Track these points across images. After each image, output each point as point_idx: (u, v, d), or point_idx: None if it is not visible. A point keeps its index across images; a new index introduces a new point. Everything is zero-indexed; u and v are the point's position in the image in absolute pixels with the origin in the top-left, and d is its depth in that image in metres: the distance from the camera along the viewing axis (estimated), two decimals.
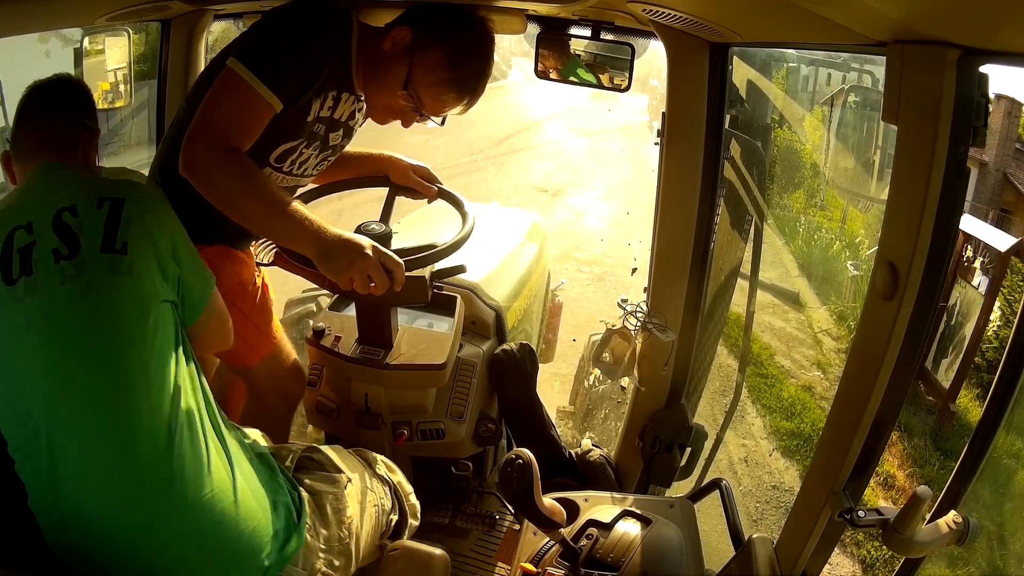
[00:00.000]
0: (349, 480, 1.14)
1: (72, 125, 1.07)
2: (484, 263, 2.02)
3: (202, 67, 1.85)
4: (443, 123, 1.35)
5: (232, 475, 0.95)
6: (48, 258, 0.91)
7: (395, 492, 1.28)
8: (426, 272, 1.38)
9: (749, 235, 1.74)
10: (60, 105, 1.07)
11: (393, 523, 1.26)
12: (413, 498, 1.34)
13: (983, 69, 0.75)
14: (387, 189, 1.56)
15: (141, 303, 0.95)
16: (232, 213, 1.13)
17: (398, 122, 1.35)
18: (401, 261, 1.17)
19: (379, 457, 1.33)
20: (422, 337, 1.63)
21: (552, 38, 1.55)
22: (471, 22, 1.29)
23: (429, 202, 1.61)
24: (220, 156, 1.11)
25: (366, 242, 1.14)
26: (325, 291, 2.07)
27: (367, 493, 1.18)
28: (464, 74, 1.28)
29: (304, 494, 1.06)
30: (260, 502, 0.97)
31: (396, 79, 1.26)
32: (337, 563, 1.06)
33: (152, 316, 0.95)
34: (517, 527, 1.70)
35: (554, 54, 1.57)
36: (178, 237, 1.03)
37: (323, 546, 1.05)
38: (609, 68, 1.52)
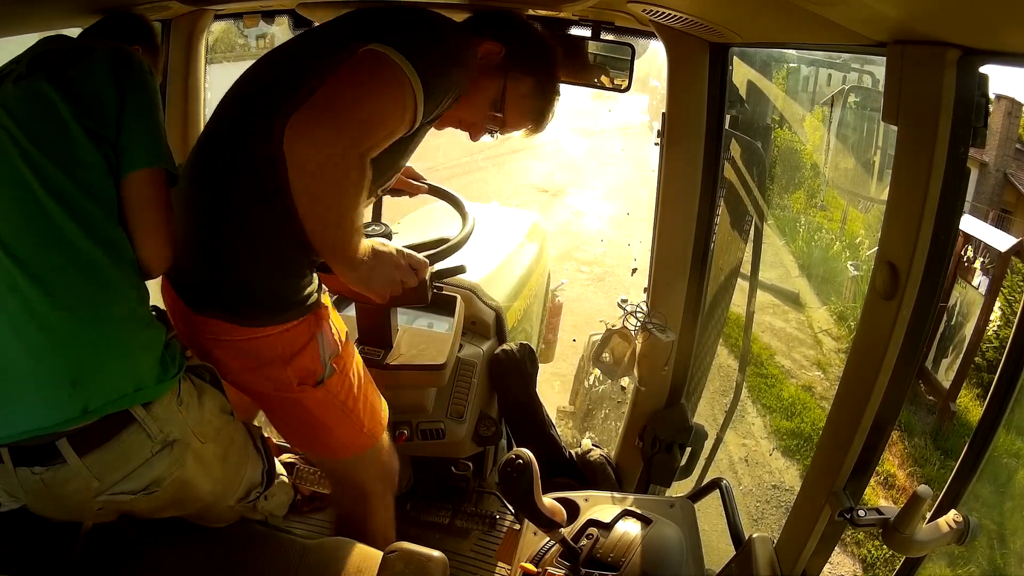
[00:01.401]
0: (231, 414, 1.10)
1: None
2: (484, 263, 2.02)
3: (202, 67, 1.85)
4: (493, 136, 1.31)
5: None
6: (10, 77, 0.95)
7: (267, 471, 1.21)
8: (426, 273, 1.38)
9: (749, 235, 1.74)
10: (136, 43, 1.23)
11: (253, 493, 1.18)
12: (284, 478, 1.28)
13: (983, 69, 0.75)
14: None
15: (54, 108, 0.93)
16: (323, 234, 0.96)
17: None
18: (426, 259, 1.14)
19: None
20: (422, 337, 1.63)
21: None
22: (552, 52, 1.26)
23: (410, 196, 1.58)
24: (357, 167, 0.90)
25: (393, 249, 1.09)
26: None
27: (237, 442, 1.12)
28: (547, 105, 1.27)
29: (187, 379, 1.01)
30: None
31: (486, 97, 1.20)
32: (182, 451, 0.98)
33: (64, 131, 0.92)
34: (517, 527, 1.70)
35: None
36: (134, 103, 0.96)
37: (189, 423, 0.98)
38: (609, 68, 1.52)
